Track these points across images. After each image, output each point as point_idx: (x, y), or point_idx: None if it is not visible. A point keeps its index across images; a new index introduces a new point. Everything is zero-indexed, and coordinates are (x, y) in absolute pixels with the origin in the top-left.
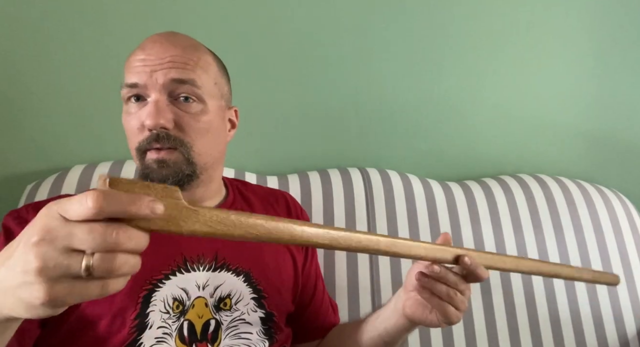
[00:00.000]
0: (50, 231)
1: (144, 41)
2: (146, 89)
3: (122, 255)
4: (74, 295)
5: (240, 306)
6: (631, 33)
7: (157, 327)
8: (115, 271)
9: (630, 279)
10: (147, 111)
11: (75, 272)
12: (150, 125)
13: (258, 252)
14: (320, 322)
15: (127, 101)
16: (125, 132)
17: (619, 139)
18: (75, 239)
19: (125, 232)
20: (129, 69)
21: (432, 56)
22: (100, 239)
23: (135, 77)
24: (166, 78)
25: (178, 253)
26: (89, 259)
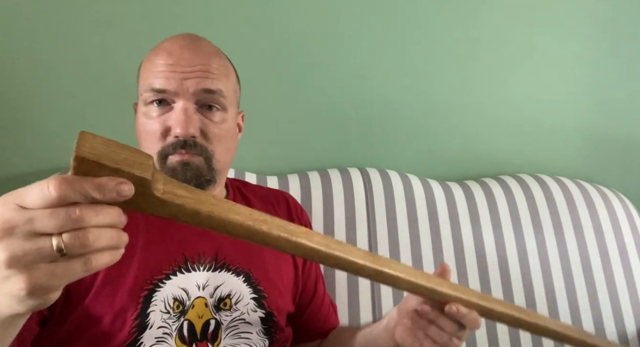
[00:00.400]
0: (8, 220)
1: (167, 44)
2: (174, 95)
3: (93, 229)
4: (58, 277)
5: (240, 305)
6: (631, 33)
7: (157, 327)
8: (91, 246)
9: (630, 279)
10: (177, 118)
11: (48, 255)
12: (180, 134)
13: (258, 252)
14: (321, 323)
15: (147, 104)
16: (141, 134)
17: (618, 139)
18: (36, 223)
19: (90, 208)
20: (155, 72)
21: (432, 56)
22: (63, 219)
23: (164, 82)
24: (198, 87)
25: (179, 253)
26: (58, 239)
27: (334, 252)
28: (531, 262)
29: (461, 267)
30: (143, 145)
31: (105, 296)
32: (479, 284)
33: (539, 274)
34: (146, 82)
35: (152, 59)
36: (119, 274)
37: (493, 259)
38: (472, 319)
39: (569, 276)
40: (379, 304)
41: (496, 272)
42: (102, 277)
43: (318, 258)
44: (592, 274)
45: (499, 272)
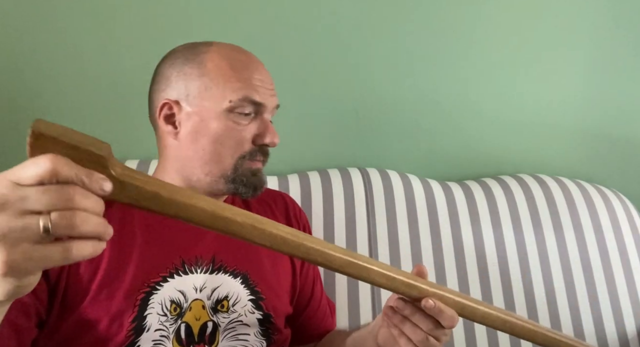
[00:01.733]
0: (2, 195)
1: (245, 57)
2: (264, 109)
3: (81, 212)
4: (35, 261)
5: (238, 307)
6: (631, 33)
7: (154, 329)
8: (77, 228)
9: (630, 279)
10: (271, 129)
11: (33, 234)
12: (272, 143)
13: (256, 254)
14: (317, 326)
15: (234, 110)
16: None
17: (618, 138)
18: (29, 200)
19: (81, 191)
20: (251, 85)
21: (432, 56)
22: (57, 196)
23: (262, 97)
24: (276, 103)
25: (176, 255)
26: (46, 218)
27: (303, 241)
28: (531, 262)
29: (461, 267)
30: (220, 149)
31: (102, 299)
32: (479, 284)
33: (539, 274)
34: (237, 91)
35: (240, 69)
36: (115, 277)
37: (493, 259)
38: (449, 316)
39: (569, 276)
40: (379, 305)
41: (496, 272)
42: (99, 281)
43: (287, 248)
44: (592, 274)
45: (499, 272)
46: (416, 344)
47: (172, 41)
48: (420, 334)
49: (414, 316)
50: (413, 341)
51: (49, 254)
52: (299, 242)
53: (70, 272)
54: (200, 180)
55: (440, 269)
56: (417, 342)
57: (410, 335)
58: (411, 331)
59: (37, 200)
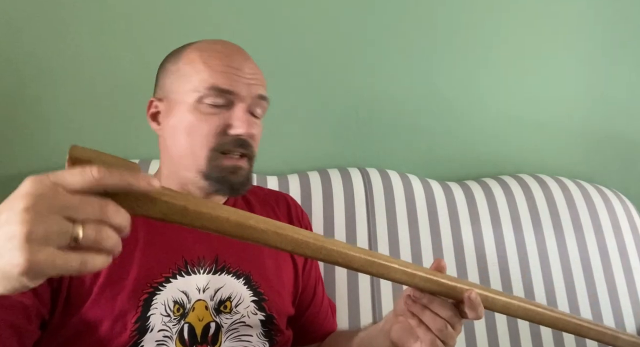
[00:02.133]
0: (44, 197)
1: (220, 46)
2: (237, 98)
3: (108, 229)
4: (55, 266)
5: (241, 308)
6: (631, 33)
7: (157, 330)
8: (100, 243)
9: (630, 279)
10: (241, 118)
11: (62, 240)
12: (244, 133)
13: (258, 255)
14: (318, 326)
15: (200, 100)
16: (190, 130)
17: (619, 139)
18: (71, 207)
19: (114, 206)
20: (217, 73)
21: (432, 56)
22: (96, 209)
23: (230, 83)
24: (257, 93)
25: (179, 256)
26: (79, 228)
27: (324, 244)
28: (531, 262)
29: (461, 267)
30: (190, 141)
31: (105, 299)
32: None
33: (539, 274)
34: (206, 81)
35: (207, 59)
36: (119, 278)
37: (493, 259)
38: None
39: (569, 276)
40: (379, 305)
41: (496, 272)
42: (103, 281)
43: (309, 251)
44: (592, 274)
45: (499, 272)
46: (435, 333)
47: (173, 42)
48: (440, 322)
49: (433, 304)
50: (432, 330)
51: (69, 262)
52: (320, 245)
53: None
54: (185, 177)
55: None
56: (436, 331)
57: (429, 323)
58: (431, 319)
59: (77, 209)
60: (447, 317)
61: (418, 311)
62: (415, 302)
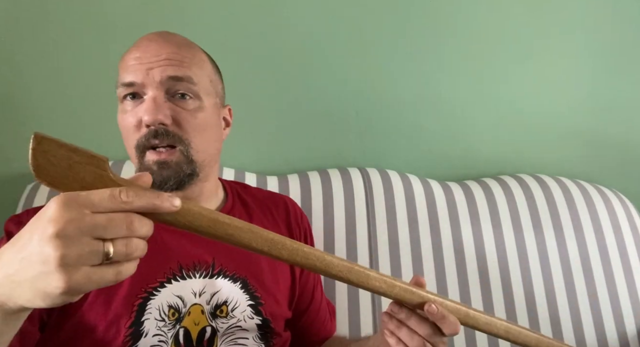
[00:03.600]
0: (72, 221)
1: (138, 40)
2: (143, 87)
3: (137, 240)
4: (92, 282)
5: (237, 313)
6: (631, 33)
7: (152, 335)
8: (132, 254)
9: (630, 279)
10: (145, 107)
11: (95, 259)
12: (148, 121)
13: (255, 259)
14: (317, 330)
15: (122, 100)
16: (122, 132)
17: (619, 139)
18: (99, 228)
19: (140, 219)
20: (125, 67)
21: (432, 56)
22: (123, 227)
23: (131, 75)
24: (163, 75)
25: (174, 261)
26: (109, 245)
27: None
28: (531, 262)
29: (461, 267)
30: (125, 144)
31: (100, 304)
32: (479, 284)
33: (539, 274)
34: (119, 79)
35: (124, 56)
36: None
37: (493, 259)
38: (452, 322)
39: (569, 276)
40: (379, 310)
41: (496, 272)
42: None
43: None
44: (592, 274)
45: (499, 272)
46: None
47: None
48: (417, 339)
49: (410, 320)
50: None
51: (105, 276)
52: (296, 246)
53: None
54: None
55: (440, 269)
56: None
57: (406, 341)
58: (408, 337)
59: (106, 229)
60: (425, 335)
61: (394, 328)
62: (392, 318)
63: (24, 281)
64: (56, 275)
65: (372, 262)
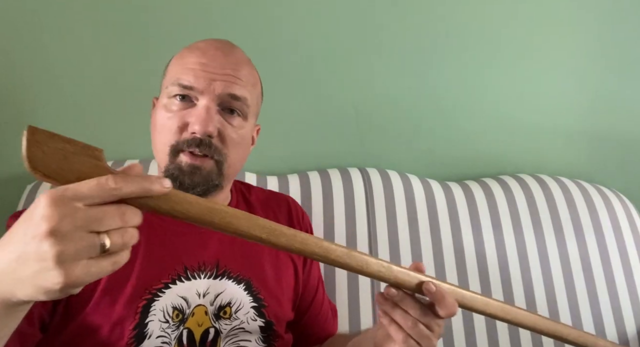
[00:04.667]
0: (65, 216)
1: (202, 44)
2: (199, 93)
3: (131, 229)
4: (91, 274)
5: (240, 314)
6: (631, 33)
7: (156, 336)
8: (127, 244)
9: (630, 279)
10: (198, 115)
11: (92, 252)
12: (198, 131)
13: (259, 260)
14: (318, 330)
15: (170, 97)
16: (157, 126)
17: (619, 139)
18: (93, 222)
19: (131, 209)
20: (186, 69)
21: (432, 56)
22: (117, 218)
23: (193, 79)
24: (224, 91)
25: (179, 262)
26: (105, 237)
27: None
28: (531, 262)
29: (461, 267)
30: (156, 138)
31: (104, 306)
32: (479, 284)
33: (539, 274)
34: (174, 77)
35: (185, 56)
36: (118, 285)
37: (493, 259)
38: (450, 303)
39: (569, 276)
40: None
41: (496, 272)
42: (102, 287)
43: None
44: (592, 274)
45: (499, 272)
46: (406, 331)
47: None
48: (410, 319)
49: (404, 302)
50: (403, 327)
51: (103, 266)
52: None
53: None
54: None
55: (440, 269)
56: (407, 329)
57: (399, 321)
58: (401, 317)
59: (100, 221)
60: (417, 315)
61: (389, 309)
62: (386, 300)
63: (24, 278)
64: (55, 272)
65: None
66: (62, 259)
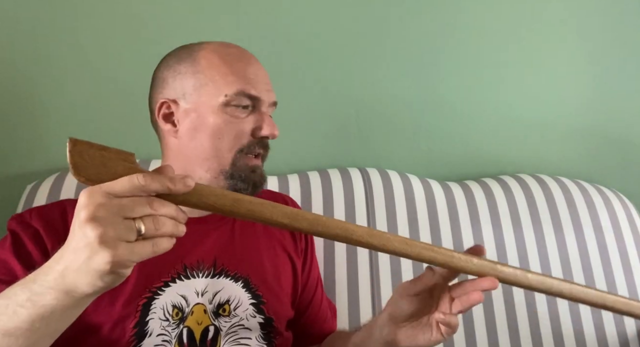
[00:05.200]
0: (101, 205)
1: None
2: (261, 103)
3: (162, 217)
4: (134, 254)
5: (239, 311)
6: (631, 33)
7: (156, 334)
8: (160, 229)
9: (630, 279)
10: (268, 122)
11: (130, 235)
12: (271, 134)
13: (257, 258)
14: (318, 327)
15: (230, 105)
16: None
17: (619, 139)
18: (127, 208)
19: (158, 200)
20: (249, 80)
21: (432, 56)
22: (146, 206)
23: (258, 91)
24: (273, 100)
25: (178, 260)
26: (139, 222)
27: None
28: (531, 262)
29: None
30: (217, 143)
31: (105, 304)
32: None
33: None
34: (232, 84)
35: (244, 68)
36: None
37: (493, 258)
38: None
39: (569, 276)
40: (379, 305)
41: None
42: None
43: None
44: (592, 274)
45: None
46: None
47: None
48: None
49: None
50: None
51: (144, 249)
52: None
53: None
54: (201, 177)
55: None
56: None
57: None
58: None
59: (132, 209)
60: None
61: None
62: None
63: (80, 267)
64: (101, 253)
65: (372, 261)
66: (104, 240)
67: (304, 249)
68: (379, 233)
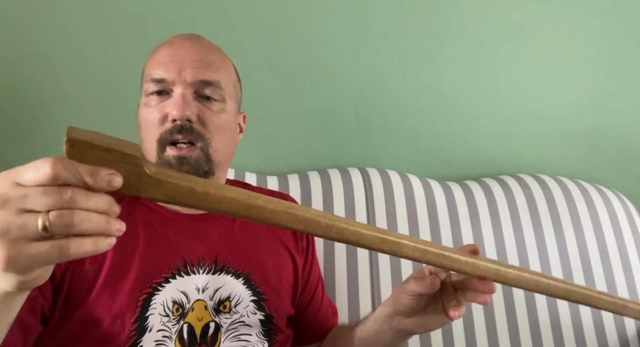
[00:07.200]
0: (3, 195)
1: (171, 38)
2: (172, 84)
3: (80, 212)
4: (31, 257)
5: (240, 308)
6: (631, 33)
7: (156, 330)
8: (75, 226)
9: (630, 279)
10: (174, 102)
11: (32, 232)
12: (176, 116)
13: (258, 254)
14: (319, 326)
15: (147, 95)
16: (142, 125)
17: (619, 139)
18: (29, 199)
19: (82, 192)
20: (156, 64)
21: (432, 56)
22: (55, 198)
23: (163, 72)
24: (195, 78)
25: (178, 256)
26: (44, 217)
27: (334, 222)
28: (531, 262)
29: None
30: (143, 137)
31: (104, 298)
32: None
33: None
34: (147, 74)
35: (155, 52)
36: (118, 277)
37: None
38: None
39: (568, 276)
40: (379, 303)
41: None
42: (102, 280)
43: (320, 230)
44: (592, 274)
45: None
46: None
47: None
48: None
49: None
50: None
51: (45, 250)
52: (330, 223)
53: (75, 271)
54: None
55: None
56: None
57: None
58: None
59: (36, 200)
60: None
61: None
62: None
63: None
64: None
65: (372, 261)
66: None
67: (305, 247)
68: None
